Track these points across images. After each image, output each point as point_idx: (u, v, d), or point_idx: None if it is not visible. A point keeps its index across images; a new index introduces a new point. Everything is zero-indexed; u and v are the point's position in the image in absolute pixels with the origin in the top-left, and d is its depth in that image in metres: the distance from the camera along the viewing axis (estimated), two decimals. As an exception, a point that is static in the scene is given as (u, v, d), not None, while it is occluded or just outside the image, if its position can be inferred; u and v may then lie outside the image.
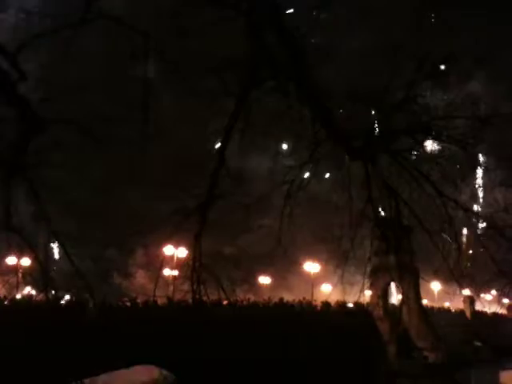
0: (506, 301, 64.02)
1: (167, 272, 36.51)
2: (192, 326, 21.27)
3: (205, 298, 12.85)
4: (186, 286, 12.74)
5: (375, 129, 13.17)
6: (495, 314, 62.51)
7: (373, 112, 13.08)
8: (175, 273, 34.63)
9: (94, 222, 37.60)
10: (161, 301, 32.66)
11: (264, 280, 54.25)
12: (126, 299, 33.31)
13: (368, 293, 32.27)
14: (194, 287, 12.36)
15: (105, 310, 28.53)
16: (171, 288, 32.11)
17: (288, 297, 47.04)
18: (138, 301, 32.94)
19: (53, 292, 15.04)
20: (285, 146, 13.37)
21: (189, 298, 13.10)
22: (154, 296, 29.50)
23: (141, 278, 38.90)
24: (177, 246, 32.06)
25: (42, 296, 15.55)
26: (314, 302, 45.48)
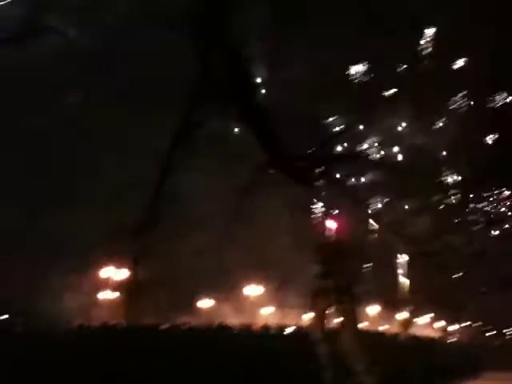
0: (440, 324, 66.42)
1: (104, 295, 35.38)
2: (128, 351, 20.66)
3: (142, 322, 12.51)
4: (124, 310, 12.37)
5: (316, 154, 13.45)
6: (429, 338, 64.56)
7: (314, 138, 13.39)
8: (113, 296, 33.65)
9: (22, 241, 35.90)
10: (97, 324, 31.58)
11: (205, 303, 53.53)
12: (58, 324, 32.00)
13: (308, 316, 32.58)
14: (131, 311, 12.02)
15: (35, 336, 27.25)
16: (107, 312, 31.13)
17: (229, 320, 46.64)
18: (73, 325, 31.72)
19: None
20: (228, 168, 13.41)
21: (126, 321, 12.71)
22: (89, 320, 28.51)
23: (73, 301, 37.43)
24: (115, 268, 31.18)
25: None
26: (254, 325, 45.35)
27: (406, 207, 21.89)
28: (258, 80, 10.87)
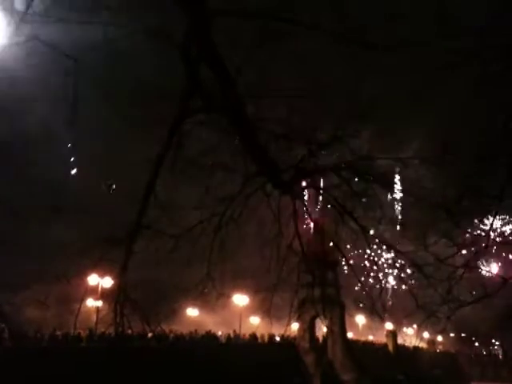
0: (426, 335, 66.75)
1: (90, 303, 35.13)
2: (114, 359, 20.60)
3: (129, 331, 12.44)
4: (110, 318, 12.27)
5: (303, 165, 13.54)
6: (416, 348, 64.88)
7: (302, 149, 13.50)
8: (99, 303, 33.41)
9: (11, 249, 35.67)
10: (82, 333, 31.32)
11: (192, 312, 53.38)
12: (44, 331, 31.70)
13: (295, 325, 32.58)
14: (118, 319, 11.95)
15: (20, 341, 27.04)
16: (94, 319, 30.89)
17: (216, 329, 46.56)
18: (58, 333, 31.47)
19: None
20: (216, 178, 13.50)
21: (112, 330, 12.63)
22: (75, 328, 28.25)
23: (59, 308, 37.15)
24: (102, 275, 30.96)
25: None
26: (241, 335, 45.30)
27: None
28: (247, 92, 10.98)
